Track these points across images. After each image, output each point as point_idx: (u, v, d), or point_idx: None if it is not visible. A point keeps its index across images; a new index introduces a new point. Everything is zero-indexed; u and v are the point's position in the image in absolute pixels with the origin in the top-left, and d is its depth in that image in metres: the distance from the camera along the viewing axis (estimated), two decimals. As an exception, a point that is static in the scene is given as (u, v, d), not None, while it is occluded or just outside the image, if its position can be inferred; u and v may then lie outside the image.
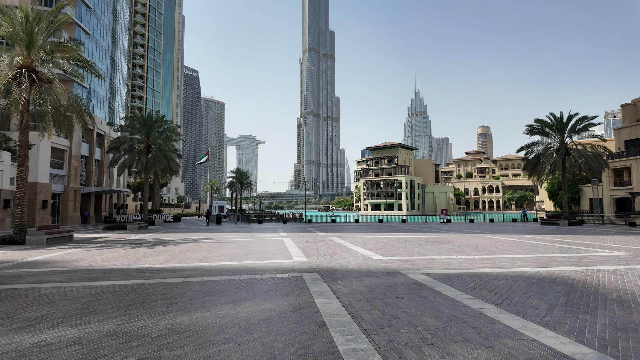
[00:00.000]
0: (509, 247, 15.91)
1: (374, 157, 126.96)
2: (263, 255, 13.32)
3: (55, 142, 40.01)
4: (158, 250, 15.34)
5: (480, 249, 15.01)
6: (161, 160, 42.05)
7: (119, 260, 12.46)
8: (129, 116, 43.68)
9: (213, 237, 22.10)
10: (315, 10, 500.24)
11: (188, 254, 14.17)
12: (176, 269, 10.54)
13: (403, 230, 29.25)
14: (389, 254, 13.43)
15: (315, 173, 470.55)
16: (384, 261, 11.73)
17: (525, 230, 29.42)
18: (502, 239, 20.14)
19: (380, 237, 21.74)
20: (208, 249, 15.79)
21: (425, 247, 15.97)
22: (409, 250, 14.59)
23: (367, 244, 17.12)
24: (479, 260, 11.99)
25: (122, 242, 19.77)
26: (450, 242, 17.87)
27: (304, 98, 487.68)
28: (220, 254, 14.00)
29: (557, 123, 40.32)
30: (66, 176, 42.37)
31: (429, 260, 11.85)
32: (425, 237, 21.45)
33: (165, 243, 18.76)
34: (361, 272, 9.72)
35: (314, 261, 11.80)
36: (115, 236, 24.25)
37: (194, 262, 11.97)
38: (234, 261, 11.96)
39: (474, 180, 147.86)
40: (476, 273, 9.65)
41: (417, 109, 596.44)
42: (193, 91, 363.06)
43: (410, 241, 18.53)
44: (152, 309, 6.35)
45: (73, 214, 42.82)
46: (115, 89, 60.14)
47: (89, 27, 46.69)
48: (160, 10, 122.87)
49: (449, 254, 13.41)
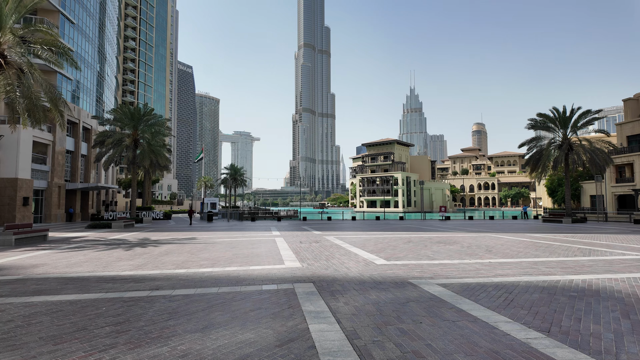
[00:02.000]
0: (523, 248, 14.47)
1: (370, 153, 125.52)
2: (251, 260, 11.74)
3: (37, 135, 38.04)
4: (134, 253, 13.72)
5: (493, 251, 13.54)
6: (148, 155, 40.21)
7: (84, 266, 10.83)
8: (115, 109, 41.72)
9: (200, 237, 20.47)
10: (311, 5, 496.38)
11: (167, 257, 12.56)
12: (146, 278, 8.95)
13: (403, 228, 27.79)
14: (393, 258, 11.91)
15: (311, 170, 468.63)
16: (389, 267, 10.21)
17: (530, 228, 28.08)
18: (512, 238, 18.71)
19: (380, 236, 20.24)
20: (191, 251, 14.19)
21: (431, 248, 14.48)
22: (414, 253, 13.09)
23: (367, 245, 15.60)
24: (497, 265, 10.51)
25: (100, 242, 18.09)
26: (457, 243, 16.40)
27: (299, 94, 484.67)
28: (202, 257, 12.41)
29: (560, 117, 39.02)
30: (49, 172, 40.42)
31: (440, 266, 10.35)
32: (428, 236, 19.96)
33: (145, 244, 17.12)
34: (364, 283, 8.18)
35: (308, 267, 10.25)
36: (95, 235, 22.54)
37: (170, 268, 10.38)
38: (216, 267, 10.38)
39: (469, 177, 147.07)
40: (500, 283, 8.15)
41: (412, 106, 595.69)
42: (187, 87, 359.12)
43: (413, 241, 17.04)
44: (91, 340, 4.76)
45: (57, 211, 40.91)
46: (104, 82, 58.02)
47: (73, 16, 44.56)
48: (152, 3, 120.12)
49: (461, 257, 11.92)
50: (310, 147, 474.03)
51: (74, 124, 45.07)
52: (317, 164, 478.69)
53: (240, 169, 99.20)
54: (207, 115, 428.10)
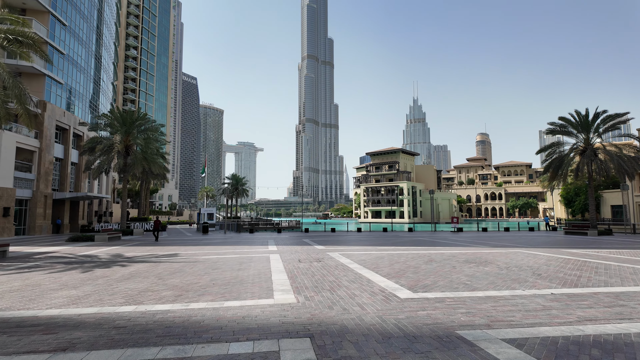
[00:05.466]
0: (577, 270, 11.52)
1: (374, 162, 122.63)
2: (231, 289, 8.89)
3: (21, 141, 35.64)
4: (89, 277, 10.90)
5: (542, 275, 10.60)
6: (141, 162, 37.61)
7: (4, 299, 8.03)
8: (105, 114, 39.34)
9: (183, 254, 17.63)
10: (314, 18, 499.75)
11: (125, 283, 9.74)
12: (68, 322, 6.13)
13: (415, 242, 24.82)
14: (419, 287, 9.01)
15: (314, 180, 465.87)
16: (419, 304, 7.31)
17: (557, 241, 25.01)
18: (551, 255, 15.72)
19: (393, 253, 17.30)
20: (161, 274, 11.34)
21: (462, 270, 11.55)
22: (444, 278, 10.17)
23: (380, 266, 12.69)
24: (565, 299, 7.60)
25: (63, 260, 15.31)
26: (490, 262, 13.46)
27: (302, 105, 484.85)
28: (170, 284, 9.57)
29: (582, 121, 36.17)
30: (35, 180, 37.88)
31: (490, 302, 7.44)
32: (451, 253, 16.99)
33: (113, 263, 14.32)
34: (390, 338, 5.30)
35: (305, 304, 7.38)
36: (68, 251, 19.77)
37: (117, 302, 7.56)
38: (178, 303, 7.53)
39: (475, 187, 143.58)
40: (600, 336, 5.26)
41: (415, 116, 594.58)
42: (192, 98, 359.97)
43: (436, 260, 14.10)
44: None
45: (42, 222, 38.25)
46: (99, 89, 55.93)
47: (66, 18, 42.53)
48: (154, 13, 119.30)
49: (509, 286, 9.01)
50: (313, 157, 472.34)
51: (64, 129, 42.71)
52: (320, 174, 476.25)
53: (242, 179, 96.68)
54: (211, 126, 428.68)
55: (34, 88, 38.45)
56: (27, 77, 38.54)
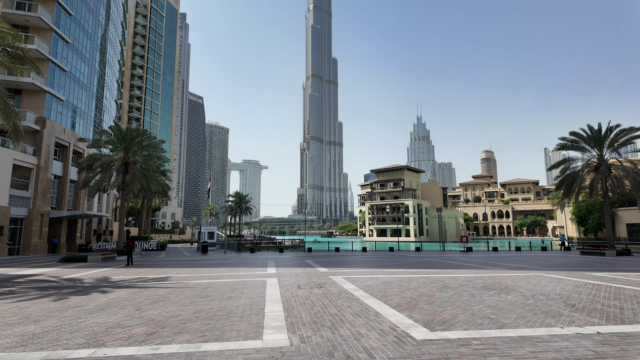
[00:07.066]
0: (614, 300, 10.07)
1: (379, 180, 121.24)
2: (214, 324, 7.58)
3: (18, 158, 34.89)
4: (63, 306, 9.65)
5: (578, 307, 9.18)
6: (139, 179, 36.68)
7: (-55, 337, 6.79)
8: (105, 130, 38.70)
9: (174, 277, 16.34)
10: (318, 38, 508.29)
11: (97, 315, 8.47)
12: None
13: (425, 264, 23.33)
14: (436, 322, 7.65)
15: (319, 197, 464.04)
16: (439, 347, 5.97)
17: (577, 263, 23.40)
18: (578, 280, 14.22)
19: (402, 277, 15.87)
20: (140, 304, 10.05)
21: (482, 299, 10.15)
22: (464, 310, 8.79)
23: (389, 294, 11.30)
24: (618, 341, 6.23)
25: (43, 284, 14.06)
26: (511, 289, 12.02)
27: (307, 123, 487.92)
28: (146, 318, 8.27)
29: (594, 136, 34.90)
30: (31, 198, 36.95)
31: (524, 344, 6.08)
32: (466, 277, 15.53)
33: (96, 288, 13.05)
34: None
35: (300, 348, 6.06)
36: (54, 273, 18.53)
37: (76, 343, 6.29)
38: (147, 345, 6.24)
39: (482, 204, 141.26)
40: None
41: (419, 134, 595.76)
42: (198, 117, 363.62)
43: (450, 286, 12.68)
44: None
45: (38, 241, 37.11)
46: (102, 106, 55.73)
47: (69, 35, 42.49)
48: (161, 33, 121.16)
49: (542, 320, 7.62)
50: (318, 174, 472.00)
51: (63, 146, 42.08)
52: (324, 191, 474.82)
53: (246, 197, 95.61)
54: (216, 144, 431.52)
55: (34, 105, 38.06)
56: (27, 93, 38.19)
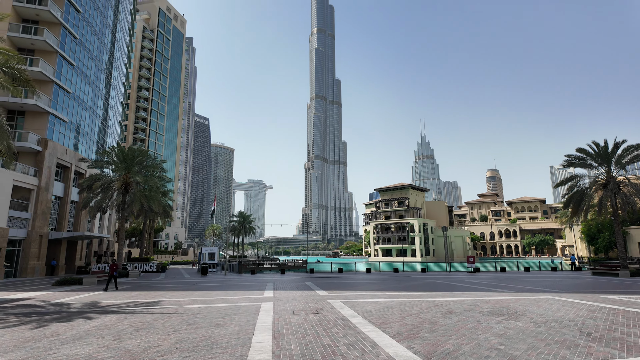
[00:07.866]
0: (635, 327, 9.24)
1: (384, 199, 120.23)
2: (194, 357, 6.90)
3: (18, 179, 34.76)
4: (39, 334, 9.00)
5: (595, 336, 8.38)
6: (139, 200, 36.31)
7: None
8: (105, 150, 38.63)
9: (166, 301, 15.63)
10: (322, 61, 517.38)
11: (71, 346, 7.81)
12: None
13: (430, 286, 22.40)
14: (438, 354, 6.92)
15: (323, 217, 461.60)
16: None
17: (589, 284, 22.35)
18: (592, 304, 13.33)
19: (405, 301, 15.05)
20: (123, 331, 9.38)
21: (489, 327, 9.37)
22: (469, 340, 8.03)
23: (389, 320, 10.54)
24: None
25: (28, 310, 13.42)
26: (521, 314, 11.19)
27: (311, 143, 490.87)
28: (124, 348, 7.60)
29: (602, 153, 34.22)
30: (31, 219, 36.60)
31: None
32: (472, 301, 14.67)
33: (81, 314, 12.38)
34: None
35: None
36: (44, 297, 17.89)
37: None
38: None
39: (488, 223, 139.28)
40: None
41: (424, 153, 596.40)
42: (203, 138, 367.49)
43: (455, 312, 11.87)
44: None
45: (36, 263, 36.55)
46: (106, 127, 56.11)
47: (73, 58, 43.14)
48: (167, 56, 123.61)
49: (556, 353, 6.86)
50: (322, 194, 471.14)
51: (65, 167, 42.05)
52: (329, 210, 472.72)
53: (249, 217, 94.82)
54: (221, 164, 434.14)
55: (37, 126, 38.24)
56: (31, 115, 38.43)
